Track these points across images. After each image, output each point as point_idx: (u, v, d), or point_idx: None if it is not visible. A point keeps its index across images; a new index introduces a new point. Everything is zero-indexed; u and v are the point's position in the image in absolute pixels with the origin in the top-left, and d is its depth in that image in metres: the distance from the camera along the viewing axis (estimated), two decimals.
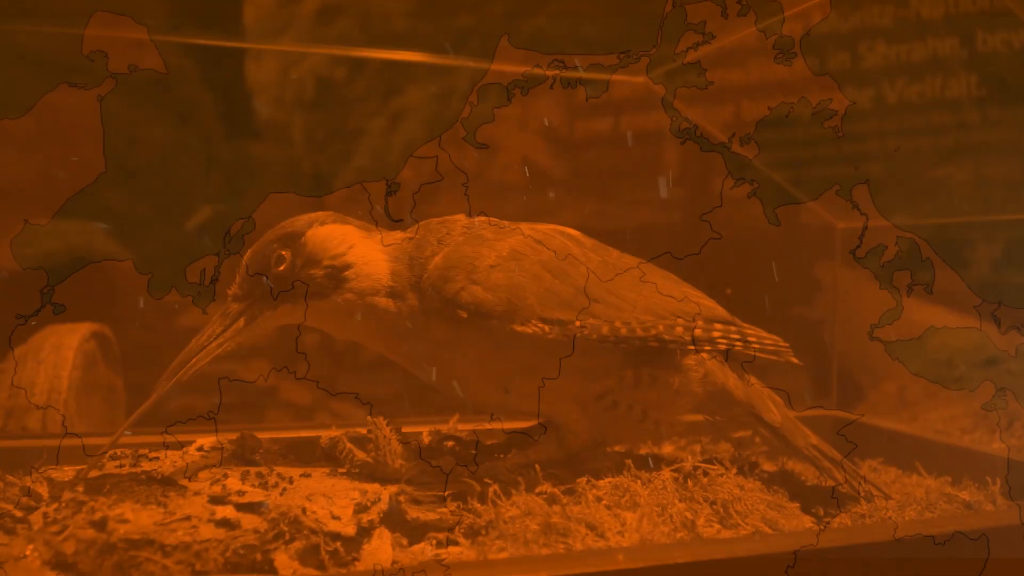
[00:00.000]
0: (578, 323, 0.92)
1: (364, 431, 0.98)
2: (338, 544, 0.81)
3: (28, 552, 0.77)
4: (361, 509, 0.84)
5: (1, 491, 0.97)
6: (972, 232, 1.57)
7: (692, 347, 0.99)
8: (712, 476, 0.95)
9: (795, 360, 1.10)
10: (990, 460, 1.15)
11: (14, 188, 1.32)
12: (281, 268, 0.92)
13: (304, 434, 1.12)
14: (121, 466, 0.91)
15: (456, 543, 0.83)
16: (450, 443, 1.09)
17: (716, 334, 1.01)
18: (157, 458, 0.94)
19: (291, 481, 0.89)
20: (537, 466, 0.91)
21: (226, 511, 0.80)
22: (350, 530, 0.82)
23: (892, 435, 1.33)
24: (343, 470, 0.94)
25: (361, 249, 0.95)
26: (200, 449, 0.97)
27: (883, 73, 1.44)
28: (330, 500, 0.85)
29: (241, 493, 0.83)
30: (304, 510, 0.81)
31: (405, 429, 0.99)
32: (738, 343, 1.03)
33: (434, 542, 0.84)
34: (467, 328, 0.91)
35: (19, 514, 0.85)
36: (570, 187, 1.84)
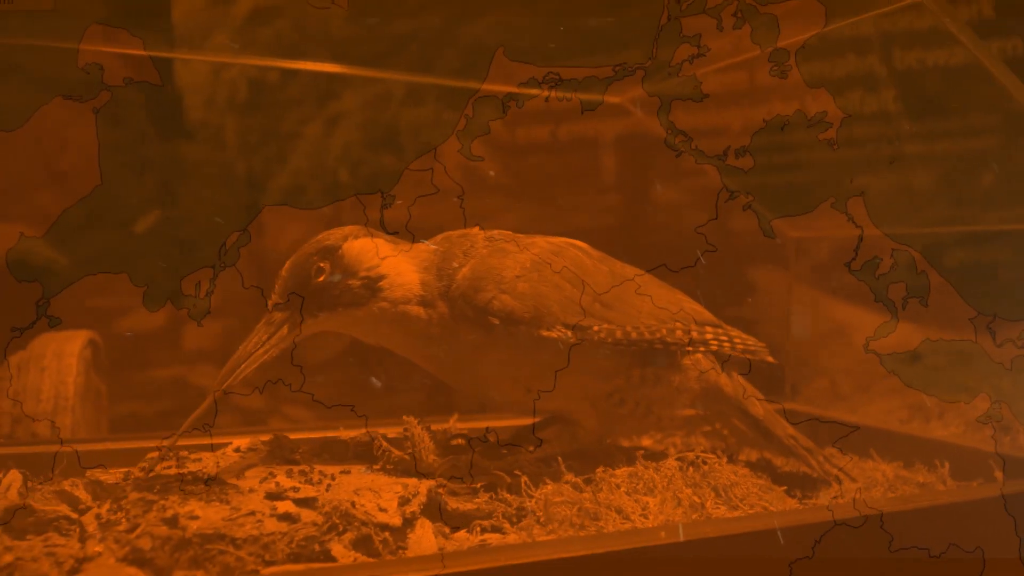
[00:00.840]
0: (595, 328, 1.01)
1: (389, 431, 1.06)
2: (387, 534, 0.88)
3: (101, 550, 0.81)
4: (404, 501, 0.91)
5: (27, 495, 1.00)
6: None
7: (689, 348, 1.10)
8: (711, 464, 1.06)
9: (770, 359, 1.22)
10: (935, 446, 1.29)
11: None
12: (320, 279, 0.98)
13: (314, 435, 1.18)
14: (169, 467, 0.96)
15: (500, 530, 0.91)
16: (459, 441, 1.17)
17: (708, 336, 1.12)
18: (200, 459, 0.99)
19: (333, 478, 0.95)
20: (560, 458, 1.00)
21: (286, 506, 0.86)
22: (396, 521, 0.89)
23: (844, 426, 1.46)
24: (377, 467, 1.00)
25: (393, 260, 1.02)
26: (237, 450, 1.02)
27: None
28: (376, 494, 0.91)
29: (296, 489, 0.89)
30: (353, 504, 0.88)
31: (382, 429, 1.07)
32: (726, 344, 1.15)
33: (478, 529, 0.91)
34: (496, 334, 1.00)
35: (74, 516, 0.89)
36: (510, 192, 1.91)
